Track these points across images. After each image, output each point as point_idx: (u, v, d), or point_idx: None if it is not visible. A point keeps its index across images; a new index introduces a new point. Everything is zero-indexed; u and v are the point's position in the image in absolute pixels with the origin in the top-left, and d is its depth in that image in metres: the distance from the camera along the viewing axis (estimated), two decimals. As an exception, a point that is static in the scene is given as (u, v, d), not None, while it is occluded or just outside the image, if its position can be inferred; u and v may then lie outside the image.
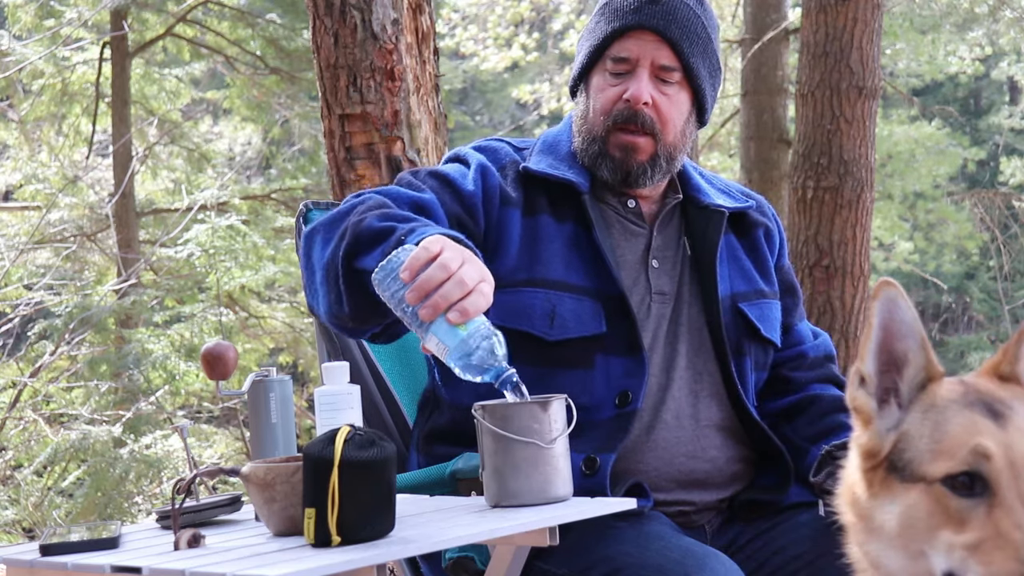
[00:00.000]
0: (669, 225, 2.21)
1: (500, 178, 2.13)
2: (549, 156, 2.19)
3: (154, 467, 6.83)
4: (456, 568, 1.95)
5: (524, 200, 2.12)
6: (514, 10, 14.48)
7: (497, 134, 16.87)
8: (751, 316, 2.16)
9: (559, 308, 2.05)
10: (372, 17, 3.55)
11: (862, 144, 5.90)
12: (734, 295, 2.17)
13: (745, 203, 2.26)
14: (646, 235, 2.18)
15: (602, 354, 2.05)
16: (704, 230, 2.18)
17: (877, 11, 5.91)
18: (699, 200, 2.21)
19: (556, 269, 2.08)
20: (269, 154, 11.80)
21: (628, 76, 2.13)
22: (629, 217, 2.19)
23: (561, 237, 2.11)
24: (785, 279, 2.30)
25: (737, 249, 2.23)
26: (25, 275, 8.61)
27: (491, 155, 2.19)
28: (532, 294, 2.06)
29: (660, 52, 2.12)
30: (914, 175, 15.72)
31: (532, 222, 2.11)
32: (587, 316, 2.05)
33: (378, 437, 1.60)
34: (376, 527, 1.58)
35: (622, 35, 2.13)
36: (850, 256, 5.86)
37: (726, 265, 2.20)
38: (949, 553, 1.28)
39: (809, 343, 2.29)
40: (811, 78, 5.97)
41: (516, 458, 1.77)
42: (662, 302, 2.14)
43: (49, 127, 10.63)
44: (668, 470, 2.05)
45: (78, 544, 1.67)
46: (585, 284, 2.08)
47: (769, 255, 2.27)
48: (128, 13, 9.50)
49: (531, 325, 2.05)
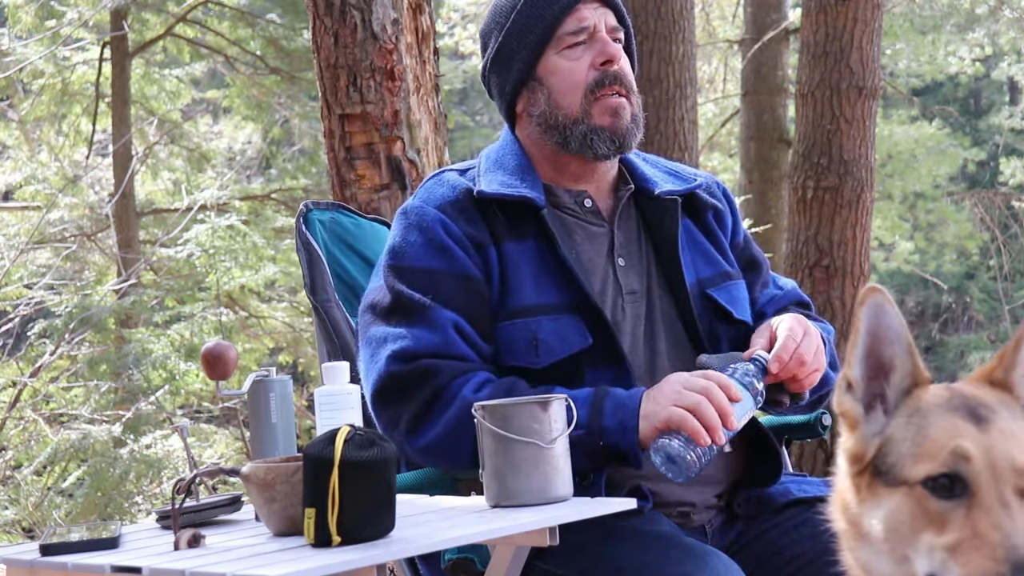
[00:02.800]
0: (628, 219, 2.20)
1: (459, 224, 2.09)
2: (499, 172, 2.15)
3: (154, 467, 6.83)
4: (456, 569, 1.95)
5: (489, 233, 2.10)
6: (514, 10, 14.44)
7: (497, 134, 16.87)
8: (720, 300, 2.17)
9: (540, 334, 2.04)
10: (372, 17, 3.55)
11: (862, 144, 5.90)
12: (700, 281, 2.17)
13: (693, 183, 2.25)
14: (607, 233, 2.17)
15: (591, 367, 2.04)
16: (661, 221, 2.18)
17: (877, 11, 5.91)
18: (649, 190, 2.20)
19: (527, 294, 2.06)
20: (269, 154, 11.80)
21: (588, 45, 2.14)
22: (588, 218, 2.17)
23: (526, 258, 2.08)
24: (744, 255, 2.29)
25: (695, 233, 2.23)
26: (25, 275, 8.61)
27: (440, 200, 2.13)
28: (511, 327, 2.05)
29: (608, 15, 2.16)
30: (914, 175, 15.71)
31: (502, 254, 2.09)
32: (569, 333, 2.04)
33: (378, 437, 1.61)
34: (376, 527, 1.58)
35: (571, 10, 2.13)
36: (850, 256, 5.86)
37: (688, 252, 2.19)
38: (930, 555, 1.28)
39: (772, 300, 2.28)
40: (811, 78, 5.97)
41: (516, 458, 1.77)
42: (634, 301, 2.13)
43: (49, 127, 10.64)
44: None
45: (78, 544, 1.67)
46: (559, 300, 2.06)
47: (723, 235, 2.26)
48: (128, 13, 9.50)
49: (518, 358, 2.04)
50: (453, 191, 2.14)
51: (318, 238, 2.42)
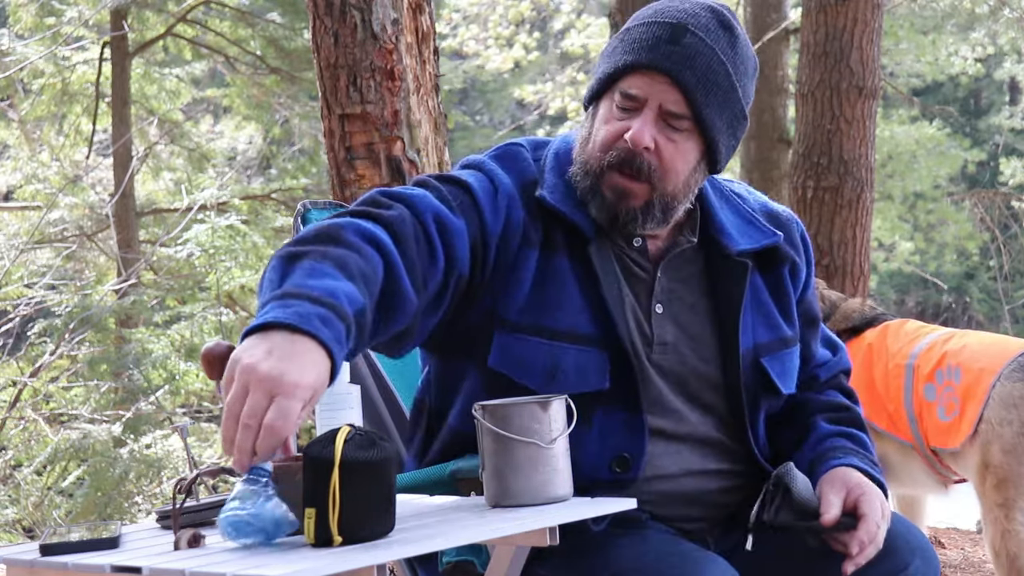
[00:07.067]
0: (678, 268, 2.05)
1: (524, 212, 1.97)
2: (561, 183, 2.01)
3: (154, 467, 6.84)
4: (455, 571, 1.95)
5: (544, 238, 1.97)
6: (515, 10, 14.48)
7: (497, 134, 16.85)
8: (772, 374, 2.05)
9: (562, 363, 1.93)
10: (372, 17, 3.55)
11: (862, 144, 5.90)
12: (756, 347, 2.04)
13: (772, 238, 2.07)
14: (649, 278, 2.03)
15: (604, 409, 1.95)
16: (726, 282, 2.04)
17: (877, 11, 5.91)
18: (722, 246, 2.03)
19: (565, 317, 1.95)
20: (269, 154, 11.81)
21: (634, 114, 1.94)
22: (633, 256, 2.03)
23: (574, 279, 1.97)
24: (807, 312, 2.16)
25: (761, 291, 2.08)
26: (25, 275, 8.61)
27: (516, 173, 2.01)
28: (537, 345, 1.93)
29: (669, 96, 1.93)
30: (914, 175, 15.73)
31: (547, 262, 1.97)
32: (591, 370, 1.94)
33: (378, 437, 1.60)
34: (376, 527, 1.58)
35: (634, 71, 1.94)
36: (850, 256, 5.85)
37: (749, 313, 2.04)
38: None
39: (824, 367, 2.19)
40: (811, 78, 5.97)
41: (516, 458, 1.77)
42: (663, 352, 2.00)
43: (49, 127, 10.65)
44: (666, 513, 2.01)
45: (78, 544, 1.66)
46: (592, 333, 1.95)
47: (793, 294, 2.12)
48: (128, 13, 9.50)
49: (529, 379, 1.93)
50: (527, 172, 2.02)
51: (318, 238, 2.41)
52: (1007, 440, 3.32)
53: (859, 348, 3.66)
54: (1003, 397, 3.35)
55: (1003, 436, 3.33)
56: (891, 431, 3.57)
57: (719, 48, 1.95)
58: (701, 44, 1.94)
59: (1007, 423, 3.33)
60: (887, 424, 3.58)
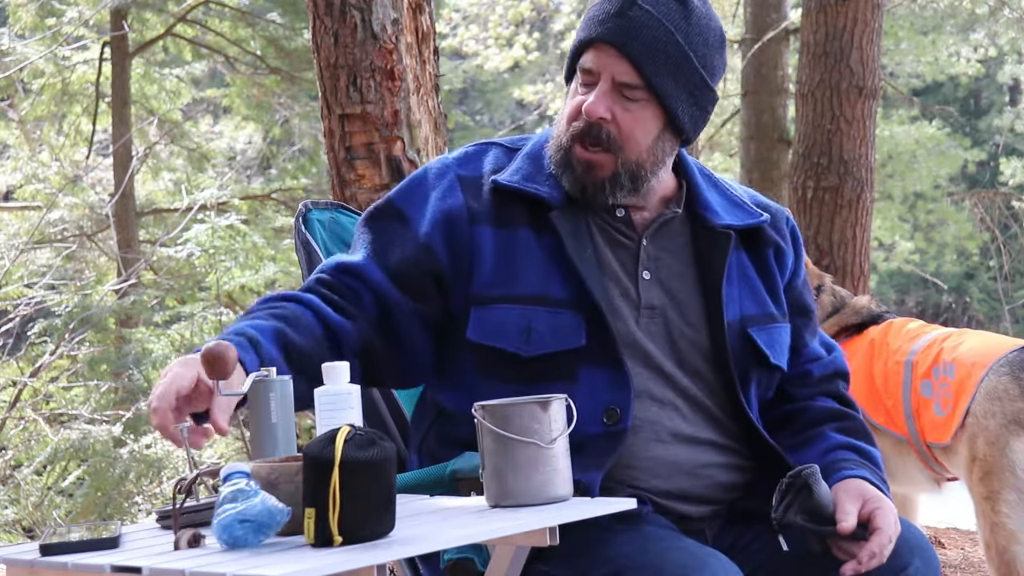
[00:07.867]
0: (665, 238, 2.12)
1: (465, 196, 2.07)
2: (529, 164, 2.11)
3: (154, 467, 6.84)
4: (455, 570, 1.95)
5: (496, 213, 2.06)
6: (515, 10, 14.49)
7: (497, 134, 16.89)
8: (760, 343, 2.09)
9: (535, 324, 2.00)
10: (372, 17, 3.55)
11: (862, 144, 5.90)
12: (743, 318, 2.09)
13: (757, 218, 2.16)
14: (634, 245, 2.09)
15: (587, 367, 2.00)
16: (710, 251, 2.10)
17: (877, 11, 5.91)
18: (706, 219, 2.12)
19: (534, 283, 2.02)
20: (269, 154, 11.81)
21: (592, 88, 2.04)
22: (617, 226, 2.10)
23: (541, 249, 2.05)
24: (797, 300, 2.20)
25: (748, 267, 2.14)
26: (25, 275, 8.61)
27: (470, 166, 2.12)
28: (507, 310, 2.01)
29: (619, 68, 2.01)
30: (914, 175, 15.74)
31: (508, 235, 2.05)
32: (565, 329, 2.00)
33: (378, 437, 1.61)
34: (376, 527, 1.58)
35: (588, 46, 2.04)
36: (850, 256, 5.85)
37: (736, 285, 2.11)
38: None
39: (817, 362, 2.21)
40: (811, 78, 5.97)
41: (516, 458, 1.77)
42: (651, 316, 2.06)
43: (49, 127, 10.65)
44: (665, 487, 2.02)
45: (78, 544, 1.66)
46: (564, 296, 2.02)
47: (779, 276, 2.18)
48: (128, 13, 9.50)
49: (506, 342, 2.00)
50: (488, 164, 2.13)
51: (317, 238, 2.42)
52: (991, 432, 3.32)
53: (862, 344, 3.68)
54: (989, 390, 3.35)
55: (988, 428, 3.33)
56: (888, 426, 3.58)
57: (667, 18, 2.02)
58: (647, 16, 2.02)
59: (991, 415, 3.33)
60: (884, 420, 3.59)
